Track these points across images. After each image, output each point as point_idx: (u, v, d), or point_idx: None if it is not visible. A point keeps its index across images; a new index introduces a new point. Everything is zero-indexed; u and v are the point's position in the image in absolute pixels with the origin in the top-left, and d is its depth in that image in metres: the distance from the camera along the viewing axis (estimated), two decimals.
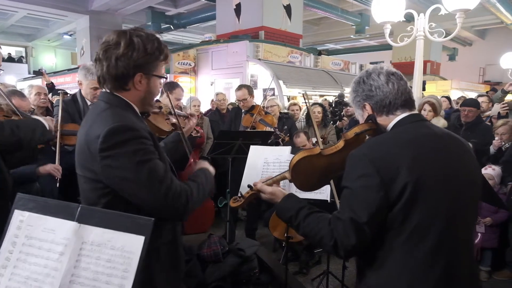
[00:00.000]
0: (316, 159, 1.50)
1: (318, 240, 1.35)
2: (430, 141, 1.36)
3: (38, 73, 13.36)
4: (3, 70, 2.18)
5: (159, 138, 1.80)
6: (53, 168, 2.66)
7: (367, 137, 1.48)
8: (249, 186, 1.65)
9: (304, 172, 1.53)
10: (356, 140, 1.47)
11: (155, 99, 1.68)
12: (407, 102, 1.43)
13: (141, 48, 1.43)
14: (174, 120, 2.19)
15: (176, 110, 2.19)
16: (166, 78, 1.75)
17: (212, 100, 7.72)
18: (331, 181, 2.23)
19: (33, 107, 3.85)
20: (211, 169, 1.71)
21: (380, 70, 1.46)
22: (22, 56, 21.21)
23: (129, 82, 1.46)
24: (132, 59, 1.42)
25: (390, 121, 1.44)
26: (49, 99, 5.21)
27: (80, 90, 3.21)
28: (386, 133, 1.44)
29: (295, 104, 6.18)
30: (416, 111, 1.46)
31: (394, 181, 1.25)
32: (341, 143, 1.49)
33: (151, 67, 1.49)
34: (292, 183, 1.62)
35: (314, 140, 4.63)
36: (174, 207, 1.38)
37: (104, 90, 1.52)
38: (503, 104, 5.31)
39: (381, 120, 1.46)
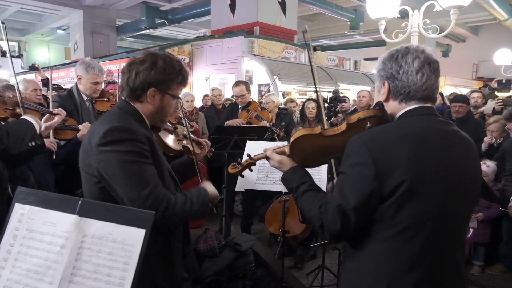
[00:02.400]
0: (316, 138, 1.49)
1: (309, 218, 1.38)
2: (433, 137, 1.30)
3: (33, 68, 13.22)
4: (1, 66, 2.17)
5: (167, 156, 1.86)
6: (49, 143, 2.56)
7: (369, 125, 1.46)
8: (248, 155, 1.71)
9: (302, 149, 1.53)
10: (358, 125, 1.44)
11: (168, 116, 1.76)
12: (427, 97, 1.36)
13: (161, 67, 1.58)
14: (185, 143, 2.23)
15: (194, 137, 2.21)
16: (180, 100, 1.81)
17: (205, 96, 7.67)
18: (332, 161, 2.23)
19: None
20: (212, 191, 1.74)
21: (419, 54, 1.35)
22: (21, 54, 21.03)
23: (143, 95, 1.60)
24: (150, 75, 1.57)
25: (400, 109, 1.38)
26: (44, 94, 5.17)
27: (76, 84, 3.19)
28: (391, 123, 1.40)
29: (292, 101, 6.20)
30: (429, 104, 1.39)
31: (390, 175, 1.23)
32: (343, 126, 1.46)
33: (166, 86, 1.62)
34: None
35: None
36: (153, 206, 1.43)
37: (122, 98, 1.67)
38: (498, 100, 5.37)
39: (393, 105, 1.41)
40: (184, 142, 2.25)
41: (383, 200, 1.25)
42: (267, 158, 1.63)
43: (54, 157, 2.69)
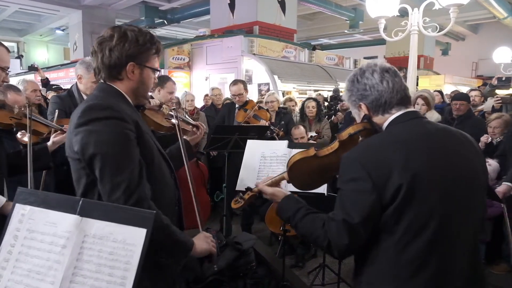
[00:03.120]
0: (312, 160, 1.53)
1: (314, 240, 1.39)
2: (423, 140, 1.32)
3: (33, 69, 13.21)
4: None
5: (159, 134, 1.79)
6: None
7: (360, 138, 1.48)
8: (247, 188, 1.70)
9: (300, 173, 1.56)
10: (351, 141, 1.48)
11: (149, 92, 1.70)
12: (403, 99, 1.41)
13: (133, 39, 1.51)
14: (174, 121, 2.13)
15: (180, 115, 2.14)
16: (160, 71, 1.76)
17: (205, 96, 7.66)
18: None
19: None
20: (200, 246, 1.57)
21: (374, 67, 1.42)
22: (20, 55, 21.04)
23: (122, 72, 1.53)
24: (124, 49, 1.50)
25: (386, 120, 1.42)
26: (43, 94, 5.18)
27: (76, 84, 3.19)
28: (379, 134, 1.42)
29: (291, 100, 6.20)
30: (412, 108, 1.44)
31: (387, 184, 1.24)
32: (335, 144, 1.51)
33: (143, 58, 1.55)
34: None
35: (310, 134, 4.66)
36: (121, 198, 1.35)
37: (100, 82, 1.58)
38: (496, 97, 5.38)
39: (377, 119, 1.44)
40: (173, 121, 2.19)
41: (385, 207, 1.26)
42: (256, 196, 1.65)
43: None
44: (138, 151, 1.44)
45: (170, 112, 2.23)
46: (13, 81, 3.87)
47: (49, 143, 2.44)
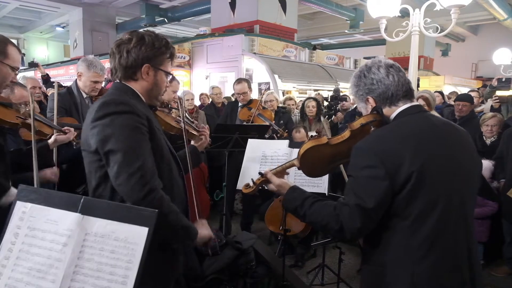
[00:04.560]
0: (323, 148, 1.59)
1: (324, 225, 1.45)
2: (429, 131, 1.43)
3: (33, 65, 13.17)
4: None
5: (168, 135, 1.84)
6: (51, 173, 2.53)
7: (372, 128, 1.55)
8: (260, 173, 1.74)
9: (311, 160, 1.63)
10: (361, 131, 1.54)
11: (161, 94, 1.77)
12: (408, 92, 1.50)
13: (150, 43, 1.61)
14: (181, 125, 2.22)
15: (187, 120, 2.24)
16: (172, 75, 1.81)
17: (201, 94, 7.60)
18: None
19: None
20: (203, 232, 1.69)
21: (379, 63, 1.52)
22: (23, 53, 21.05)
23: (138, 73, 1.62)
24: (141, 51, 1.59)
25: (393, 112, 1.51)
26: (43, 91, 5.16)
27: (75, 82, 3.18)
28: (389, 125, 1.50)
29: (291, 99, 6.19)
30: (416, 102, 1.53)
31: (398, 171, 1.33)
32: (347, 133, 1.57)
33: (158, 61, 1.64)
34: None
35: (310, 134, 4.65)
36: (136, 187, 1.40)
37: (116, 81, 1.67)
38: (495, 97, 5.39)
39: (384, 111, 1.52)
40: (181, 125, 2.26)
41: (397, 193, 1.35)
42: (267, 181, 1.70)
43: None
44: (150, 145, 1.51)
45: (178, 117, 2.32)
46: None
47: (50, 141, 2.46)
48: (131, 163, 1.41)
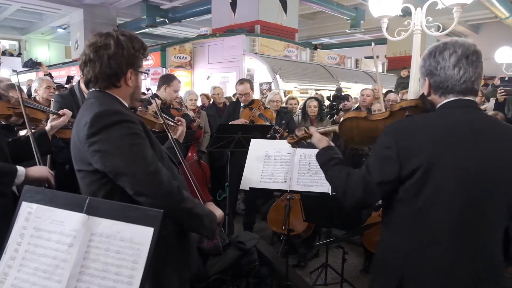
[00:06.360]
0: (361, 121, 1.72)
1: (335, 187, 1.59)
2: (461, 129, 1.37)
3: (37, 64, 13.19)
4: (2, 62, 2.15)
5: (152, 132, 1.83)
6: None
7: (406, 113, 1.60)
8: (305, 128, 1.95)
9: (349, 129, 1.76)
10: (400, 113, 1.62)
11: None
12: (466, 90, 1.42)
13: (129, 46, 1.51)
14: (161, 121, 2.22)
15: (163, 114, 2.21)
16: (148, 74, 1.76)
17: (201, 95, 7.59)
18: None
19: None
20: (218, 213, 1.70)
21: (457, 49, 1.40)
22: (20, 53, 21.09)
23: (121, 80, 1.54)
24: (123, 57, 1.50)
25: (440, 102, 1.47)
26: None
27: (78, 83, 3.18)
28: (424, 115, 1.50)
29: (293, 99, 6.18)
30: (470, 97, 1.44)
31: (409, 160, 1.36)
32: (386, 113, 1.67)
33: (138, 64, 1.58)
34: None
35: None
36: (159, 189, 1.39)
37: (93, 90, 1.56)
38: (500, 89, 5.33)
39: (433, 98, 1.50)
40: (160, 120, 2.29)
41: (403, 181, 1.39)
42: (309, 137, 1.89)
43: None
44: (151, 148, 1.48)
45: (156, 114, 2.32)
46: (13, 79, 3.88)
47: (47, 128, 2.39)
48: (144, 167, 1.37)
